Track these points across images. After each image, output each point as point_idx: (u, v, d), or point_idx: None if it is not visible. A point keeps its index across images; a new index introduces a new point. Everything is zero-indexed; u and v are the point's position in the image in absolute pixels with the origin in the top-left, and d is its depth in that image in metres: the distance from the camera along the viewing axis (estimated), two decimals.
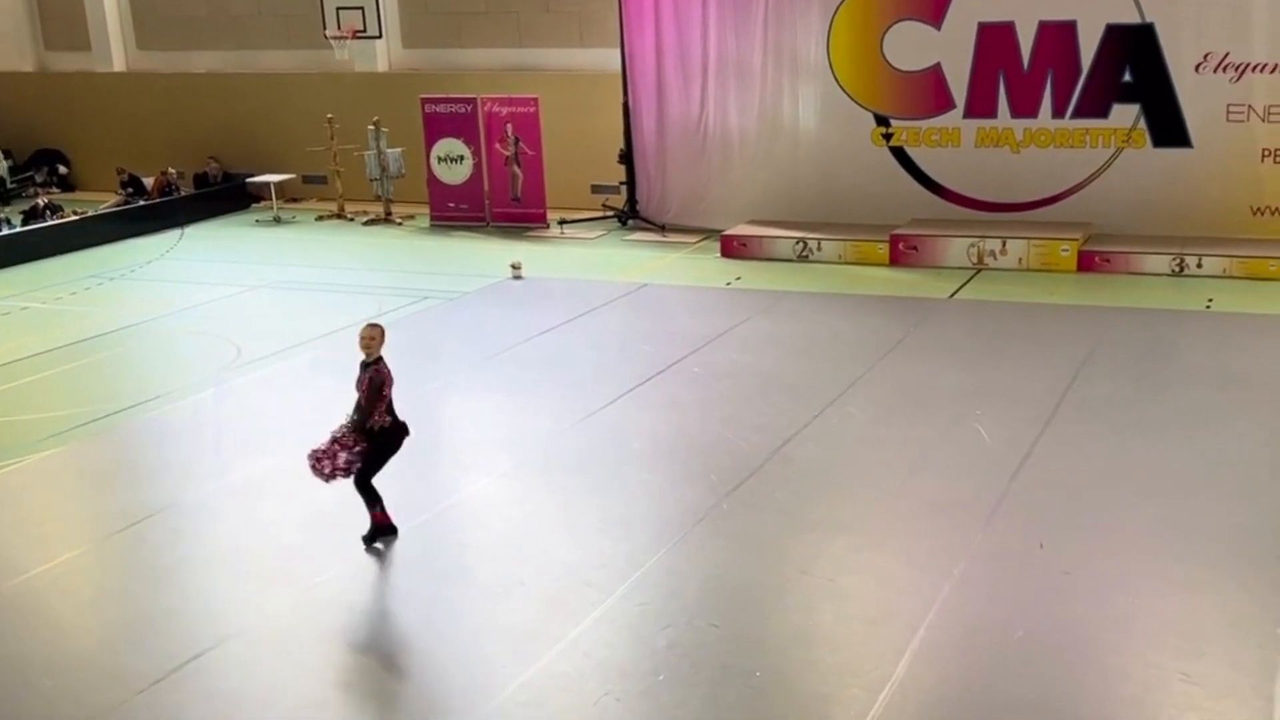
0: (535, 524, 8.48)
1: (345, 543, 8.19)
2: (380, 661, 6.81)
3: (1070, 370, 10.94)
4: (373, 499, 8.18)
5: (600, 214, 18.60)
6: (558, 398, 10.91)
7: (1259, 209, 15.22)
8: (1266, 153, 15.07)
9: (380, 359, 8.15)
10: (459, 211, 19.07)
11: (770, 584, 7.53)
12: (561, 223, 18.47)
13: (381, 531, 8.22)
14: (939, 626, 6.86)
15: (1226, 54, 14.99)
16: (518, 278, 15.33)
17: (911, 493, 8.68)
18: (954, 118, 16.31)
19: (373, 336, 8.18)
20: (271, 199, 20.51)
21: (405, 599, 7.52)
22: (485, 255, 16.89)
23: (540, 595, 7.44)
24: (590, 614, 7.15)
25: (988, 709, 6.13)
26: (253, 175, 21.08)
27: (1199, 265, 14.32)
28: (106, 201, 20.70)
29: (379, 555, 8.06)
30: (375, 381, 8.09)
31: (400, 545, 8.22)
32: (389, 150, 19.35)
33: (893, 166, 16.73)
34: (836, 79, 16.83)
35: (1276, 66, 14.80)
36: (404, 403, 11.16)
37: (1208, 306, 13.03)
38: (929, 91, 16.37)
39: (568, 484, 9.12)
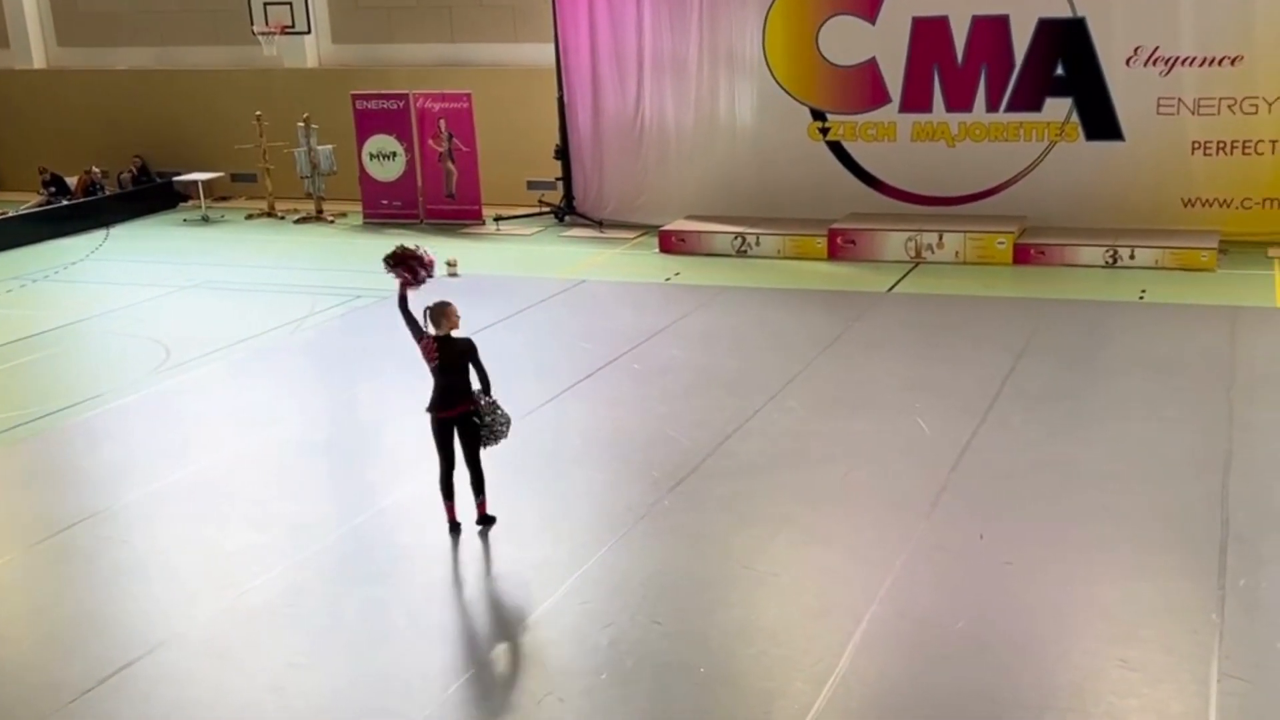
0: (472, 524, 8.41)
1: (279, 546, 8.08)
2: (316, 665, 6.71)
3: (1007, 362, 11.08)
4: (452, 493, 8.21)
5: (536, 210, 18.55)
6: (496, 396, 10.81)
7: (1189, 200, 15.51)
8: (1196, 145, 15.37)
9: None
10: (392, 209, 18.91)
11: (713, 579, 7.53)
12: (497, 219, 18.38)
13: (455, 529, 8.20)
14: (882, 619, 6.90)
15: (1156, 48, 15.26)
16: (453, 275, 15.20)
17: (853, 486, 8.73)
18: (890, 112, 16.46)
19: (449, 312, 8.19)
20: (199, 198, 20.19)
21: (341, 601, 7.42)
22: None
23: (479, 595, 7.39)
24: (531, 613, 7.11)
25: (930, 699, 6.17)
26: (180, 174, 20.75)
27: (1132, 256, 14.57)
28: (29, 202, 20.25)
29: (312, 559, 7.95)
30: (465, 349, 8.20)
31: (335, 547, 8.11)
32: (320, 147, 19.14)
33: (830, 161, 16.85)
34: (772, 74, 16.91)
35: (1205, 60, 15.10)
36: (338, 403, 11.07)
37: (1141, 297, 13.25)
38: (865, 86, 16.50)
39: (507, 482, 9.04)
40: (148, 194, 20.75)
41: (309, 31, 20.08)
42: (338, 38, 20.97)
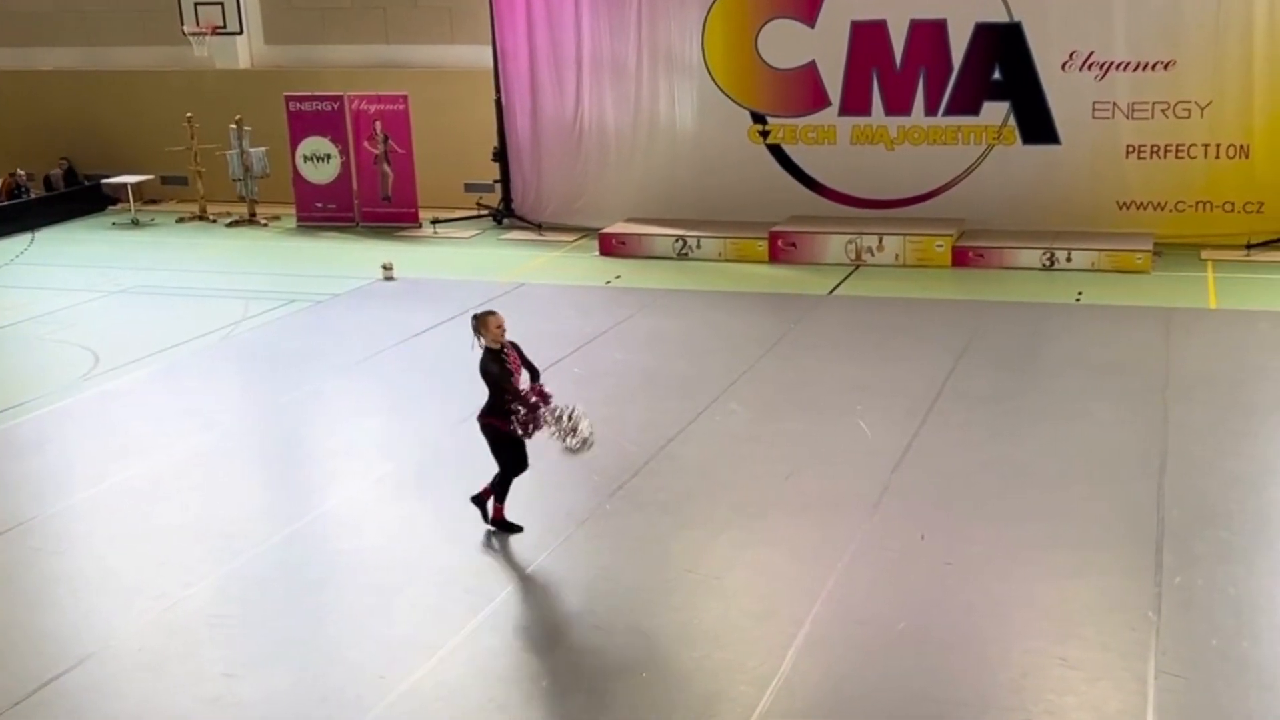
0: (412, 530, 8.36)
1: (212, 554, 7.96)
2: (250, 676, 6.62)
3: (947, 363, 11.20)
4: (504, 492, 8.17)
5: (474, 213, 18.47)
6: (434, 401, 10.78)
7: (1124, 203, 15.80)
8: (1130, 148, 15.66)
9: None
10: (327, 211, 18.75)
11: (655, 583, 7.53)
12: (434, 222, 18.29)
13: (504, 526, 8.17)
14: (824, 620, 6.94)
15: (1091, 53, 15.53)
16: (389, 279, 15.12)
17: (795, 488, 8.78)
18: (829, 115, 16.60)
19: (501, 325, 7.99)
20: (129, 200, 19.88)
21: (276, 610, 7.33)
22: (355, 256, 16.64)
23: (419, 603, 7.33)
24: (471, 620, 7.07)
25: (873, 699, 6.22)
26: (108, 176, 20.42)
27: (1068, 259, 14.81)
28: None
29: (247, 566, 7.84)
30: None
31: (270, 554, 8.01)
32: (252, 149, 18.95)
33: (770, 164, 16.96)
34: (712, 77, 16.99)
35: (1138, 65, 15.39)
36: (273, 409, 10.95)
37: (1078, 299, 13.47)
38: (804, 89, 16.62)
39: (446, 489, 9.00)
40: (75, 197, 20.39)
41: (241, 32, 19.88)
42: (270, 38, 20.76)
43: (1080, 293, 13.66)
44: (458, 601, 7.29)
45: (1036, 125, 15.87)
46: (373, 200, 18.55)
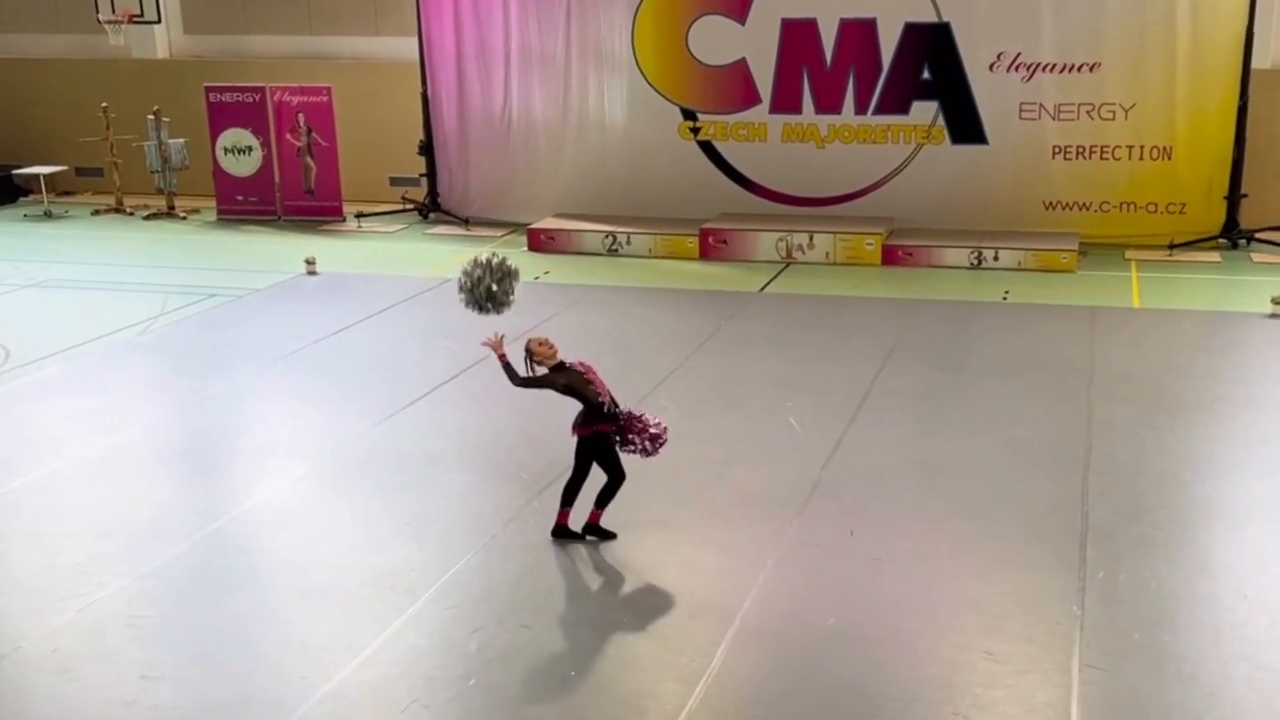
0: (335, 529, 8.27)
1: (128, 555, 7.82)
2: (170, 678, 6.50)
3: (877, 361, 11.33)
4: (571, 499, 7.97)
5: (400, 207, 18.34)
6: (357, 398, 10.68)
7: (1050, 203, 16.09)
8: (1056, 149, 15.95)
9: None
10: (248, 205, 18.51)
11: (584, 582, 7.53)
12: (359, 216, 18.12)
13: (563, 533, 7.99)
14: (754, 616, 6.99)
15: (1018, 54, 15.80)
16: (312, 273, 14.96)
17: (725, 485, 8.82)
18: (760, 113, 16.71)
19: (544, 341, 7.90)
20: (41, 192, 19.44)
21: (196, 611, 7.21)
22: (277, 250, 16.44)
23: (342, 602, 7.25)
24: (396, 620, 7.02)
25: (803, 695, 6.27)
26: (19, 167, 19.95)
27: (996, 258, 15.04)
28: None
29: (165, 567, 7.71)
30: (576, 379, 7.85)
31: (188, 555, 7.89)
32: (171, 141, 18.63)
33: (701, 161, 17.03)
34: (642, 72, 17.02)
35: (1064, 67, 15.68)
36: (191, 406, 10.78)
37: (1005, 297, 13.69)
38: (735, 86, 16.71)
39: (370, 487, 8.93)
40: None
41: (159, 20, 19.56)
42: (190, 28, 20.44)
43: (1007, 291, 13.88)
44: (382, 601, 7.23)
45: (965, 125, 16.11)
46: (295, 194, 18.34)
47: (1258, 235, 15.46)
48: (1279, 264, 14.75)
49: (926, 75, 16.08)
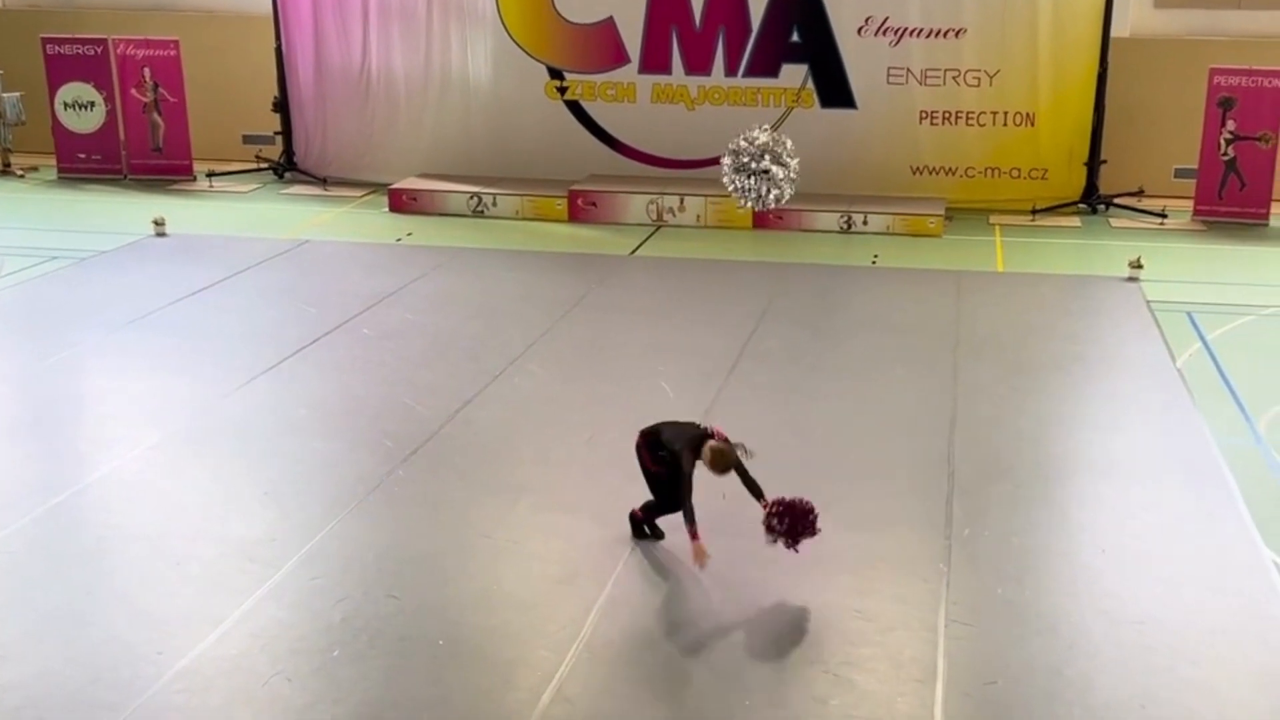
0: (189, 499, 8.08)
1: None
2: (17, 656, 6.28)
3: (748, 324, 11.47)
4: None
5: (253, 166, 17.91)
6: (212, 364, 10.43)
7: (918, 168, 16.45)
8: (924, 114, 16.29)
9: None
10: (91, 163, 17.87)
11: (451, 550, 7.50)
12: (210, 175, 17.65)
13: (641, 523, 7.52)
14: (626, 582, 7.05)
15: (886, 18, 16.06)
16: (161, 235, 14.54)
17: (595, 451, 8.85)
18: (629, 73, 16.70)
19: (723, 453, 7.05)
20: None
21: (38, 588, 6.97)
22: (124, 210, 15.92)
23: (198, 576, 7.10)
24: (256, 592, 6.90)
25: (675, 659, 6.36)
26: None
27: (865, 222, 15.33)
28: None
29: (8, 541, 7.44)
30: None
31: (33, 529, 7.62)
32: (6, 95, 17.90)
33: (569, 121, 16.97)
34: (507, 29, 16.88)
35: (930, 32, 16.00)
36: (34, 373, 10.39)
37: (874, 262, 13.97)
38: (603, 45, 16.66)
39: (226, 455, 8.73)
40: None
41: None
42: None
43: (876, 255, 14.17)
44: (241, 573, 7.10)
45: (834, 89, 16.33)
46: (142, 151, 17.76)
47: (1116, 200, 16.04)
48: (1136, 229, 15.34)
49: (796, 38, 16.24)
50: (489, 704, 6.00)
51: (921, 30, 16.00)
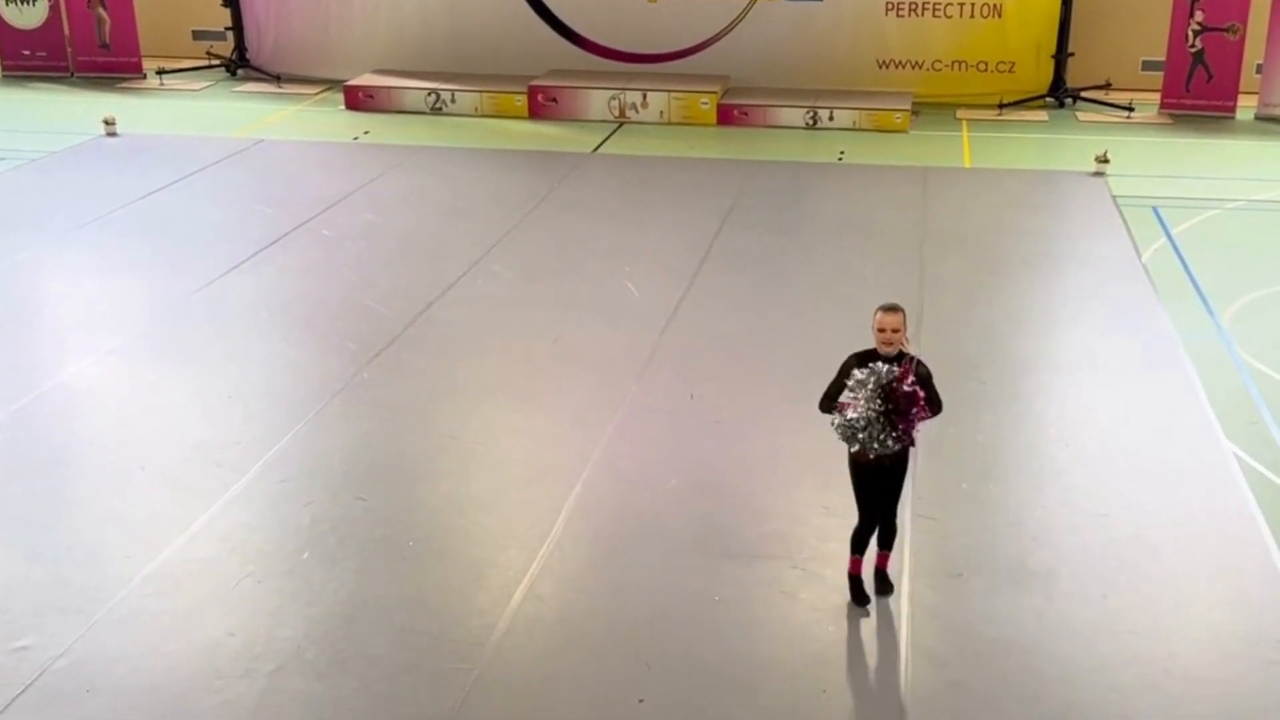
0: (152, 403, 8.06)
1: None
2: None
3: (714, 224, 11.45)
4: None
5: (205, 63, 17.56)
6: (169, 266, 10.34)
7: (884, 62, 16.33)
8: (890, 6, 16.15)
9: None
10: (36, 60, 17.48)
11: (418, 452, 7.54)
12: (160, 73, 17.30)
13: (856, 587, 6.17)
14: (595, 481, 7.12)
15: None
16: (112, 135, 14.28)
17: (562, 351, 8.88)
18: None
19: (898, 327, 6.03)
20: None
21: (4, 494, 6.98)
22: (72, 110, 15.61)
23: (164, 480, 7.12)
24: (223, 495, 6.93)
25: (644, 557, 6.45)
26: None
27: (831, 118, 15.25)
28: None
29: None
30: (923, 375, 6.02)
31: None
32: None
33: (528, 14, 16.71)
34: None
35: None
36: None
37: (840, 158, 13.93)
38: None
39: (187, 359, 8.70)
40: None
41: None
42: None
43: (843, 152, 14.13)
44: (208, 476, 7.12)
45: None
46: (89, 48, 17.36)
47: (1083, 94, 16.03)
48: (1103, 123, 15.35)
49: None
50: (461, 602, 6.09)
51: None
